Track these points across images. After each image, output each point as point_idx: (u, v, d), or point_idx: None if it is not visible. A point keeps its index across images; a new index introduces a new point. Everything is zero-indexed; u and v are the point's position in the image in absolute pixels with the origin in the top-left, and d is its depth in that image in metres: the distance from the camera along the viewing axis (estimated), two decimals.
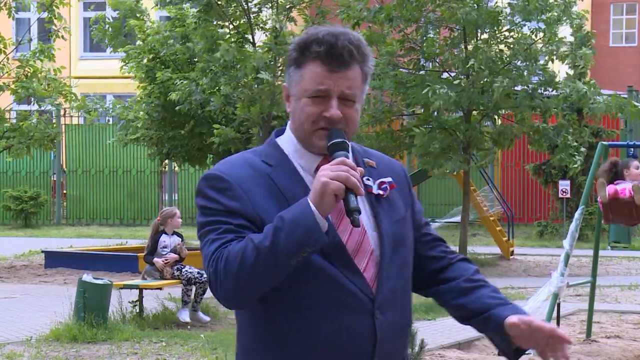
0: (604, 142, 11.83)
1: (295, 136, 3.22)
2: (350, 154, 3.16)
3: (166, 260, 13.48)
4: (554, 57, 19.47)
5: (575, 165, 19.46)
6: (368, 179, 3.21)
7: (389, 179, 3.27)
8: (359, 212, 2.99)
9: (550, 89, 19.51)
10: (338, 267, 3.10)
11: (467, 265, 3.39)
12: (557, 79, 19.58)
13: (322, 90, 3.12)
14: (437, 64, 19.93)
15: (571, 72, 22.05)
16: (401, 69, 19.78)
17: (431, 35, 19.90)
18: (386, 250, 3.17)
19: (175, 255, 13.51)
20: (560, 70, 21.34)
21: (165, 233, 13.65)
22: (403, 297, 3.23)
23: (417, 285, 3.37)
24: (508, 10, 19.35)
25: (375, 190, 3.22)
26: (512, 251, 22.44)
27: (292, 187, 3.12)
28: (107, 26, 21.41)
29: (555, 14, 18.81)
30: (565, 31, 20.33)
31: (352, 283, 3.10)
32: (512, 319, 3.15)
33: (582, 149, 20.11)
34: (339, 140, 3.10)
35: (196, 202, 3.20)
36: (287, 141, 3.24)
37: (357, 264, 3.13)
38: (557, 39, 19.22)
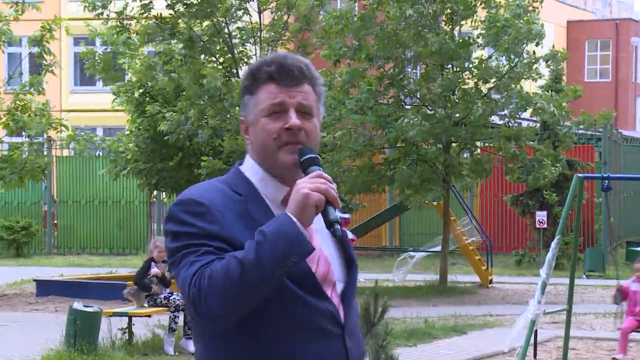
0: (579, 174, 11.77)
1: (259, 162, 3.14)
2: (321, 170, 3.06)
3: (150, 275, 13.77)
4: (524, 78, 19.93)
5: (552, 172, 19.81)
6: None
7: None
8: (340, 223, 2.95)
9: (524, 111, 19.99)
10: (310, 295, 3.06)
11: None
12: (532, 97, 19.95)
13: (278, 104, 3.08)
14: (417, 99, 20.37)
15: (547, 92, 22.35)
16: (380, 102, 20.20)
17: (408, 72, 20.33)
18: (350, 279, 3.17)
19: (158, 271, 13.77)
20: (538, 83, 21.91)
21: (154, 261, 13.99)
22: (357, 323, 3.27)
23: None
24: (480, 40, 19.83)
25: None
26: (491, 279, 22.67)
27: (264, 217, 3.03)
28: (97, 59, 21.65)
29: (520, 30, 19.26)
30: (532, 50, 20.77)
31: (327, 309, 3.07)
32: None
33: (557, 165, 20.47)
34: (312, 155, 3.04)
35: (168, 227, 3.08)
36: (251, 170, 3.16)
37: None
38: (523, 58, 19.66)
